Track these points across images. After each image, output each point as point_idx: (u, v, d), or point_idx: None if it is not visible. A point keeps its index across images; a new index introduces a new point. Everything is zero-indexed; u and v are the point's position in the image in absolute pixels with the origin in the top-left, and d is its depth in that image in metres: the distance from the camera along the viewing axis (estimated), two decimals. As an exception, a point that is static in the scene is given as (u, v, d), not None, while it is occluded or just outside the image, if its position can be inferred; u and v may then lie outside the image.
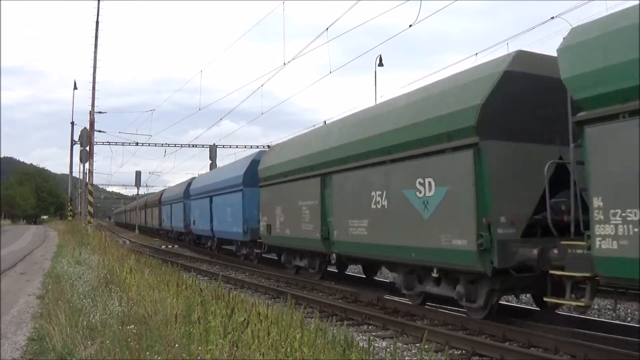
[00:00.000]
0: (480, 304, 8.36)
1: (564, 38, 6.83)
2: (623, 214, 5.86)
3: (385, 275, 13.91)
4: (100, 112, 32.16)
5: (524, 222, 7.84)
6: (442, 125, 8.54)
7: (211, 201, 23.79)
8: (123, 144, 42.01)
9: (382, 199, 10.15)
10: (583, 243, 6.54)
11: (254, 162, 18.53)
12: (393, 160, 9.83)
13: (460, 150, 8.16)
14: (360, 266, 15.06)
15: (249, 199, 18.71)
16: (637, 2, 6.08)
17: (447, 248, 8.36)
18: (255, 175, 17.76)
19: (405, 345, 7.83)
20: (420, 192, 8.98)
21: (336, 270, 14.76)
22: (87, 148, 30.33)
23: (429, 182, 8.79)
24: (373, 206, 10.38)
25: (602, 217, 6.10)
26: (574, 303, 6.89)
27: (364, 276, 14.45)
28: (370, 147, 10.61)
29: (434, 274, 8.97)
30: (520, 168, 7.82)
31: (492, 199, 7.75)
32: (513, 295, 10.44)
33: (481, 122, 7.82)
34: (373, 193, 10.39)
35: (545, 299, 7.55)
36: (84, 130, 31.86)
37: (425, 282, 9.47)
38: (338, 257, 12.71)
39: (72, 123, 42.34)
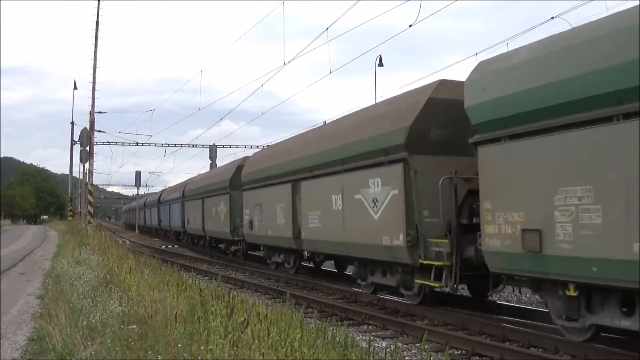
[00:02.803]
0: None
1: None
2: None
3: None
4: (100, 112, 32.18)
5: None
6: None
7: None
8: (123, 144, 42.04)
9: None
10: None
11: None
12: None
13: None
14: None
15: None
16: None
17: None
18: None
19: (405, 345, 7.83)
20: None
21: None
22: (87, 148, 30.33)
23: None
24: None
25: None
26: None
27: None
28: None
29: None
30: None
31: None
32: (515, 293, 10.47)
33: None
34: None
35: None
36: (84, 130, 31.85)
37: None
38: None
39: (72, 123, 42.38)
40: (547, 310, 9.07)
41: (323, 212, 12.57)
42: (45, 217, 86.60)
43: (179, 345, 4.58)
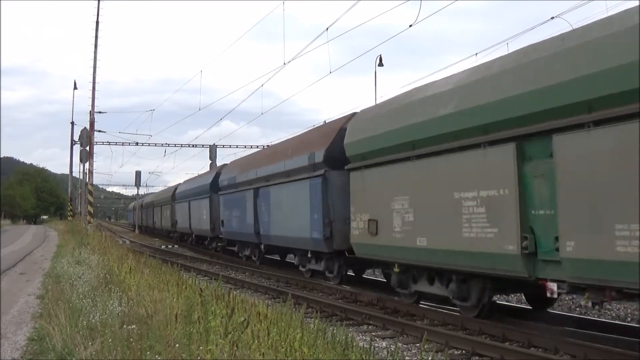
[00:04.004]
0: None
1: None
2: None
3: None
4: (100, 112, 32.21)
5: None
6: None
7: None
8: (123, 144, 42.05)
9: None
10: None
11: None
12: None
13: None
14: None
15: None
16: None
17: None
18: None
19: (405, 345, 7.83)
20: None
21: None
22: (87, 148, 30.34)
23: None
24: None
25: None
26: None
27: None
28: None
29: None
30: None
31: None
32: (509, 295, 10.45)
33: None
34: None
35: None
36: (83, 130, 31.83)
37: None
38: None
39: (72, 123, 42.44)
40: (548, 311, 9.13)
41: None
42: (45, 217, 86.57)
43: (178, 345, 4.58)
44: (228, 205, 21.30)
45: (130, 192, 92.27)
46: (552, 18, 14.72)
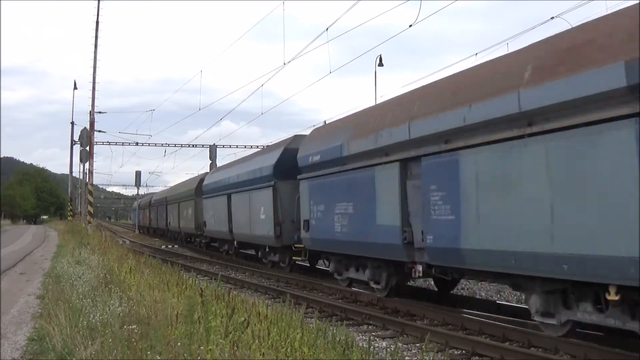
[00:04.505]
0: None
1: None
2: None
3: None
4: (100, 112, 32.21)
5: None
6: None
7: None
8: (123, 144, 42.07)
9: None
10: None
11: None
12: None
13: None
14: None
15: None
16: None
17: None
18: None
19: (405, 345, 7.83)
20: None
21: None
22: (87, 148, 30.33)
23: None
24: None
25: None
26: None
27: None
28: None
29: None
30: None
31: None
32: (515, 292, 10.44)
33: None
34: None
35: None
36: (83, 130, 31.83)
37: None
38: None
39: (72, 123, 42.48)
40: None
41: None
42: (45, 217, 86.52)
43: (179, 344, 4.57)
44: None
45: (130, 192, 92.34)
46: (552, 18, 14.72)
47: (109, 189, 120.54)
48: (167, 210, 37.12)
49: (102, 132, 35.50)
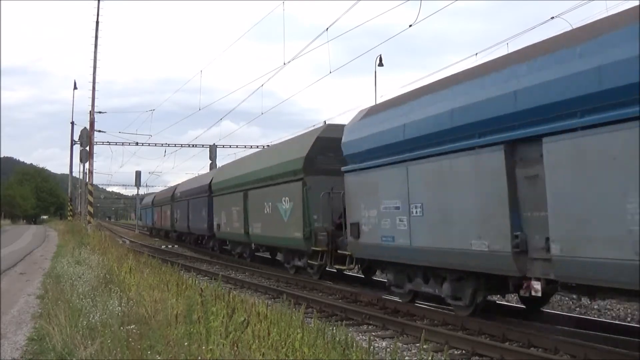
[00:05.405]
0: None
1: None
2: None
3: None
4: (100, 112, 32.22)
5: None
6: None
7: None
8: (123, 144, 42.04)
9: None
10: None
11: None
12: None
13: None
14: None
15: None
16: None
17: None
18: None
19: (405, 345, 7.82)
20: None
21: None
22: (87, 148, 30.33)
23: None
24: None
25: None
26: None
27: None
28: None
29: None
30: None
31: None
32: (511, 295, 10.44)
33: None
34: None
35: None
36: (83, 130, 31.86)
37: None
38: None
39: (72, 123, 42.47)
40: (548, 311, 9.09)
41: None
42: (45, 217, 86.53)
43: (179, 345, 4.58)
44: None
45: (130, 192, 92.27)
46: (552, 18, 14.72)
47: (109, 189, 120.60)
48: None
49: (102, 132, 35.54)
